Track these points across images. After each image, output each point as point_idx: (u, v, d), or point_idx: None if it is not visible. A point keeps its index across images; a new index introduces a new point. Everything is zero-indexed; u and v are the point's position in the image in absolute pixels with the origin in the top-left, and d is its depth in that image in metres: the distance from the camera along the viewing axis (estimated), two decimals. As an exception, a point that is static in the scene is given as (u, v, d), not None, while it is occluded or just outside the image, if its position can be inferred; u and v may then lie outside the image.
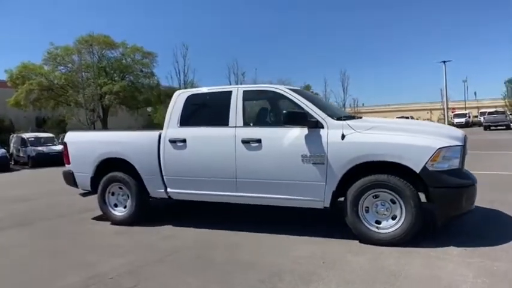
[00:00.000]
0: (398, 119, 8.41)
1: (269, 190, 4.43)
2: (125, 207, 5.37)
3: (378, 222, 4.04)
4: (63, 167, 6.01)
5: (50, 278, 3.52)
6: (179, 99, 5.02)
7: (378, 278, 3.15)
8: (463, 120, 40.30)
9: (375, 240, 3.97)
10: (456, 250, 3.70)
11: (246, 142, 4.46)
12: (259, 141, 4.41)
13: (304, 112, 4.26)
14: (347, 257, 3.68)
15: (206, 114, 5.13)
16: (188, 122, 4.91)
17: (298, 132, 4.27)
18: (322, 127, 4.20)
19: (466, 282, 3.01)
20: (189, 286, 3.21)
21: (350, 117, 4.65)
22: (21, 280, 3.54)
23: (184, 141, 4.79)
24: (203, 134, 4.76)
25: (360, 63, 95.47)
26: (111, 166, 5.41)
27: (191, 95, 5.02)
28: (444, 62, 41.25)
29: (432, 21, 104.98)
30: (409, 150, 3.83)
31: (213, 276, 3.38)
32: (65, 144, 5.70)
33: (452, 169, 3.86)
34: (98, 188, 5.45)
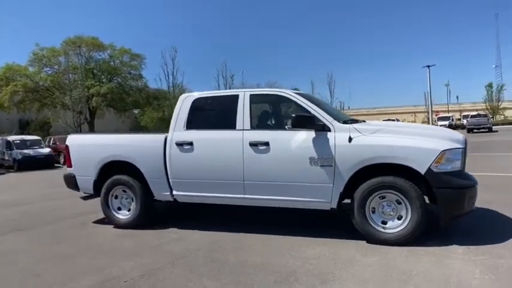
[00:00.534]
0: (400, 123, 8.59)
1: (277, 192, 4.50)
2: (129, 210, 5.36)
3: (384, 222, 4.15)
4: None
5: (63, 283, 3.50)
6: (185, 102, 5.05)
7: (391, 276, 3.26)
8: (447, 123, 41.11)
9: (382, 240, 4.09)
10: (460, 248, 3.84)
11: (254, 145, 4.52)
12: (267, 144, 4.48)
13: (312, 116, 4.36)
14: (357, 257, 3.78)
15: (213, 117, 5.18)
16: (195, 125, 4.94)
17: (305, 135, 4.36)
18: (329, 130, 4.30)
19: (475, 278, 3.14)
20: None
21: (354, 120, 4.77)
22: (34, 285, 3.51)
23: (191, 144, 4.82)
24: (210, 137, 4.81)
25: (346, 66, 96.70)
26: (113, 169, 5.40)
27: (197, 99, 5.06)
28: (428, 67, 42.25)
29: (414, 26, 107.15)
30: (415, 152, 3.96)
31: (229, 278, 3.43)
32: (67, 147, 5.65)
33: (454, 170, 4.01)
34: (101, 191, 5.42)
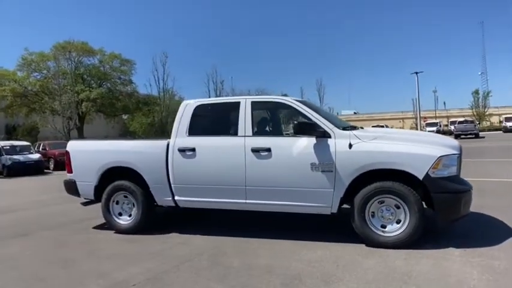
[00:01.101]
0: (398, 129, 8.79)
1: (278, 197, 4.60)
2: (130, 215, 5.40)
3: (383, 226, 4.28)
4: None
5: (71, 287, 3.54)
6: (187, 109, 5.13)
7: (393, 278, 3.38)
8: (435, 129, 41.82)
9: (381, 243, 4.21)
10: (457, 251, 3.99)
11: (256, 151, 4.62)
12: (269, 150, 4.59)
13: (313, 123, 4.49)
14: (358, 260, 3.90)
15: (215, 124, 5.27)
16: (197, 132, 5.03)
17: (306, 141, 4.48)
18: (329, 137, 4.43)
19: (473, 279, 3.28)
20: (214, 290, 3.33)
21: (353, 127, 4.91)
22: (41, 290, 3.54)
23: (193, 150, 4.90)
24: (213, 143, 4.89)
25: (334, 73, 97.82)
26: (114, 175, 5.44)
27: (199, 105, 5.15)
28: (416, 73, 43.02)
29: (401, 33, 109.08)
30: (413, 158, 4.11)
31: (235, 281, 3.51)
32: (67, 152, 5.68)
33: (451, 176, 4.17)
34: (102, 197, 5.45)
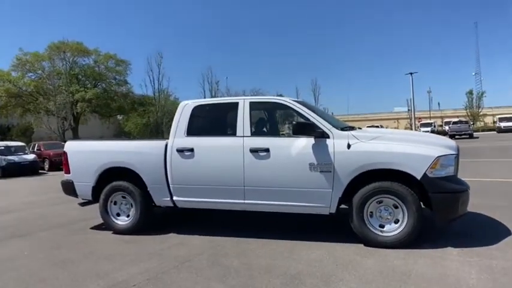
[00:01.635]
0: (395, 130, 8.82)
1: (277, 197, 4.62)
2: (128, 216, 5.39)
3: (382, 226, 4.31)
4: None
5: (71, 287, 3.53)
6: (185, 109, 5.13)
7: (392, 277, 3.40)
8: (429, 129, 42.08)
9: (379, 243, 4.24)
10: (455, 250, 4.02)
11: (255, 151, 4.64)
12: (267, 150, 4.60)
13: (311, 123, 4.51)
14: (357, 259, 3.92)
15: (213, 124, 5.28)
16: (195, 132, 5.03)
17: (305, 142, 4.50)
18: (328, 137, 4.45)
19: (471, 278, 3.32)
20: (215, 290, 3.34)
21: (351, 127, 4.94)
22: (40, 291, 3.53)
23: (192, 150, 4.90)
24: (211, 144, 4.90)
25: (328, 74, 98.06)
26: (112, 175, 5.42)
27: (197, 106, 5.15)
28: (411, 74, 43.17)
29: (395, 34, 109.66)
30: (411, 158, 4.15)
31: (236, 280, 3.52)
32: (65, 153, 5.65)
33: (448, 176, 4.21)
34: (100, 197, 5.43)
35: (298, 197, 4.53)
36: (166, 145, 5.07)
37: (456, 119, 40.24)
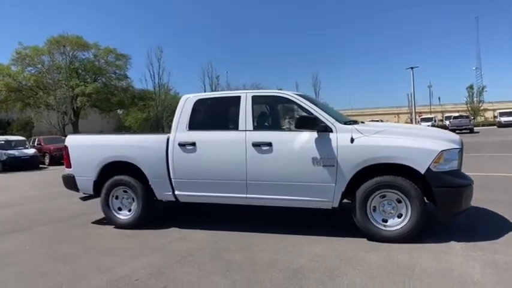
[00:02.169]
0: (398, 124, 8.77)
1: (279, 192, 4.59)
2: (130, 210, 5.37)
3: (385, 220, 4.29)
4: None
5: (74, 282, 3.51)
6: (187, 103, 5.09)
7: (396, 272, 3.38)
8: (430, 124, 42.03)
9: (383, 237, 4.22)
10: (459, 245, 4.00)
11: (257, 145, 4.60)
12: (270, 144, 4.57)
13: (314, 117, 4.47)
14: (360, 254, 3.90)
15: (215, 118, 5.24)
16: (197, 126, 4.99)
17: (308, 136, 4.46)
18: (331, 131, 4.41)
19: (476, 273, 3.29)
20: (218, 285, 3.32)
21: (354, 121, 4.89)
22: (43, 285, 3.50)
23: (193, 144, 4.87)
24: (213, 138, 4.86)
25: (329, 68, 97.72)
26: (114, 170, 5.40)
27: (199, 100, 5.11)
28: (412, 68, 43.00)
29: (396, 29, 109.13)
30: (415, 152, 4.11)
31: (239, 275, 3.50)
32: (66, 147, 5.62)
33: (452, 170, 4.18)
34: (101, 192, 5.41)
35: (300, 191, 4.50)
36: (168, 139, 5.04)
37: (456, 114, 40.17)
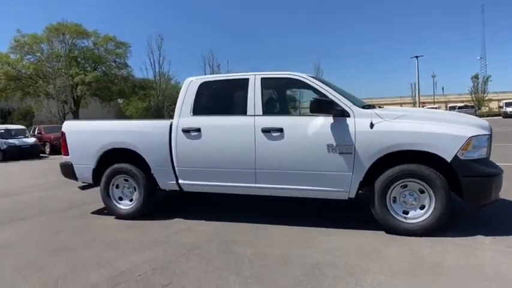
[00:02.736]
0: (419, 108, 8.41)
1: (291, 181, 4.28)
2: (131, 200, 5.08)
3: (406, 212, 3.98)
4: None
5: (72, 277, 3.23)
6: (191, 86, 4.75)
7: (423, 268, 3.09)
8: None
9: (403, 230, 3.92)
10: (487, 239, 3.70)
11: (267, 131, 4.28)
12: (281, 130, 4.24)
13: (330, 100, 4.13)
14: (380, 248, 3.60)
15: (221, 102, 4.90)
16: (202, 111, 4.66)
17: (322, 121, 4.14)
18: (348, 116, 4.08)
19: (511, 269, 3.00)
20: (228, 282, 3.03)
21: (372, 106, 4.56)
22: (39, 280, 3.22)
23: (198, 130, 4.55)
24: (219, 123, 4.54)
25: (332, 57, 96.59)
26: (114, 157, 5.09)
27: (204, 82, 4.77)
28: (417, 57, 42.45)
29: (400, 18, 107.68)
30: (441, 139, 3.78)
31: (250, 271, 3.21)
32: (63, 134, 5.31)
33: (481, 158, 3.85)
34: (101, 181, 5.11)
35: (314, 181, 4.19)
36: (171, 125, 4.71)
37: (461, 104, 39.69)
